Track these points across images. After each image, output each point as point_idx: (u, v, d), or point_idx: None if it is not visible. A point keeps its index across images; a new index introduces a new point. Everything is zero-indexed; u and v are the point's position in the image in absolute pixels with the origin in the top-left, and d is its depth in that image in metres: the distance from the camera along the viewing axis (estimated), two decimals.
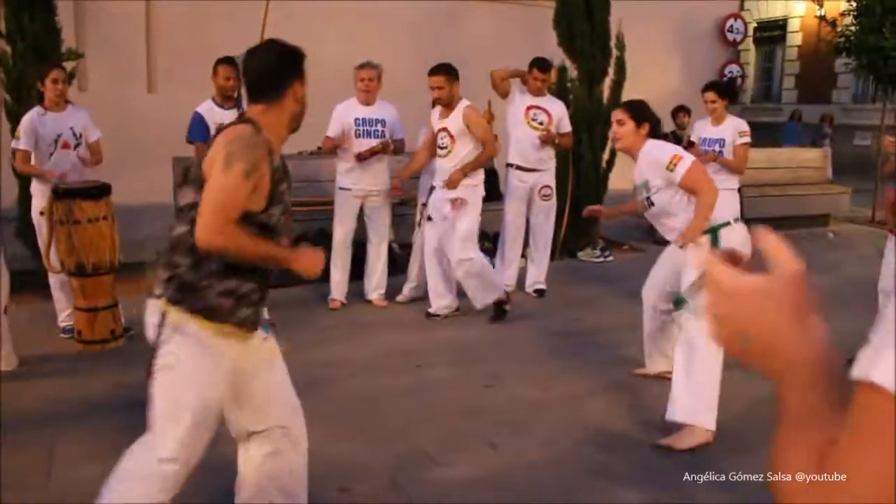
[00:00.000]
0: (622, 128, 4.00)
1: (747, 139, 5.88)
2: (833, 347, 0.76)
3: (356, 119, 5.91)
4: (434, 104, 5.76)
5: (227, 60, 5.46)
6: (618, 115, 4.04)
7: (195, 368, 2.41)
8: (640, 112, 4.00)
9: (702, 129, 6.01)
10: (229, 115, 5.39)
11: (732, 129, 5.84)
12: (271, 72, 2.56)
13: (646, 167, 3.95)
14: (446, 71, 5.56)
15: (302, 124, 2.71)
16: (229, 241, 2.33)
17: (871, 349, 0.66)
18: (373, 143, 5.87)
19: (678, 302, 3.95)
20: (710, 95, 5.88)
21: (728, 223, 3.88)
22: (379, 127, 5.95)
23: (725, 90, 5.91)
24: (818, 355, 0.74)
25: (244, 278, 2.45)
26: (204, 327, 2.40)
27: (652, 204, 3.97)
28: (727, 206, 5.33)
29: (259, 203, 2.41)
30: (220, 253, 2.36)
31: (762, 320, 0.76)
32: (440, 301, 5.90)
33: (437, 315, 5.89)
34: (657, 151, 3.91)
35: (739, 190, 5.88)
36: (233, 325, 2.46)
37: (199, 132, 5.24)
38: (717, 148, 5.86)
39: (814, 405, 0.72)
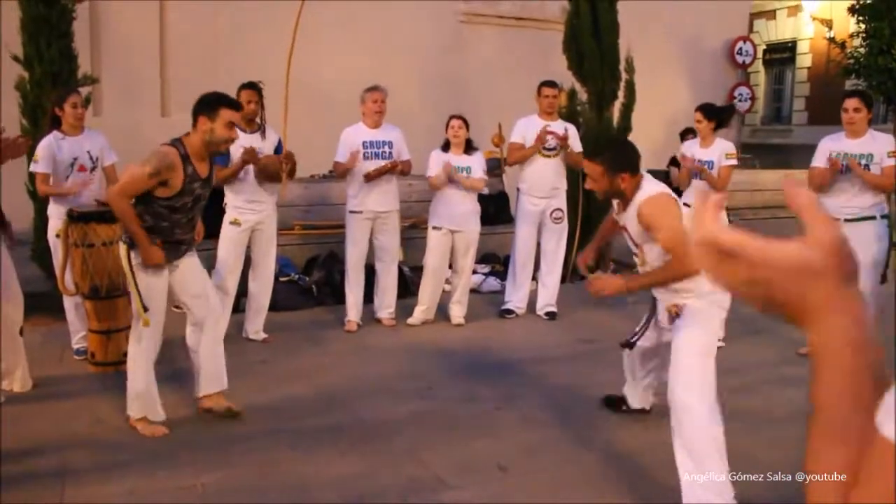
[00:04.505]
0: (859, 114, 5.08)
1: (733, 161, 5.94)
2: (873, 330, 0.67)
3: (364, 142, 5.96)
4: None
5: (250, 85, 5.51)
6: (855, 103, 5.11)
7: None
8: (871, 100, 5.25)
9: (690, 149, 6.04)
10: (252, 139, 5.43)
11: (720, 151, 5.88)
12: (193, 109, 3.92)
13: (878, 144, 5.09)
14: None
15: (315, 147, 3.03)
16: (118, 207, 3.80)
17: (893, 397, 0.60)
18: (381, 164, 5.92)
19: None
20: (697, 115, 5.96)
21: None
22: (387, 149, 6.00)
23: (713, 112, 5.95)
24: (860, 338, 0.65)
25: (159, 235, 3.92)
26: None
27: (868, 168, 5.07)
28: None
29: (168, 193, 3.82)
30: (114, 212, 3.89)
31: (797, 293, 0.66)
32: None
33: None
34: (887, 137, 5.21)
35: (726, 210, 5.92)
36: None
37: (221, 156, 5.28)
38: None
39: (852, 401, 0.64)
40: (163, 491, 3.47)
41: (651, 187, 3.47)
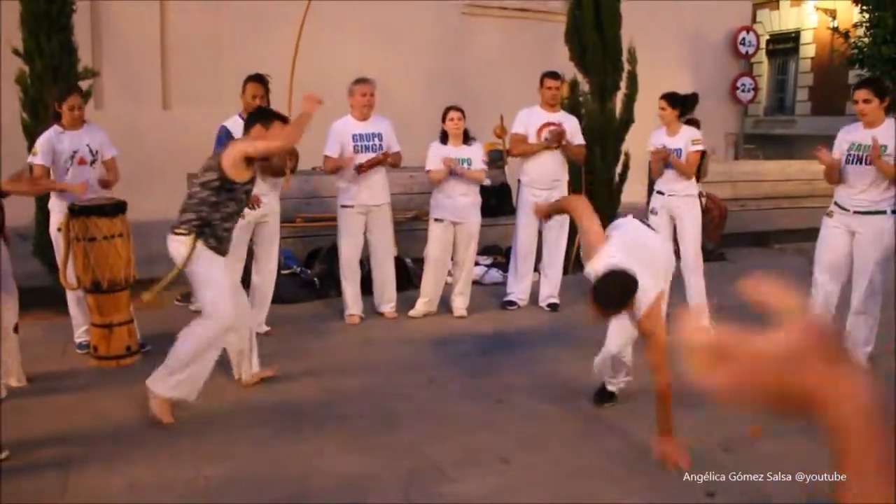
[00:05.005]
0: (869, 105, 4.76)
1: (700, 147, 5.94)
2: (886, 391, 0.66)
3: (353, 135, 5.94)
4: None
5: (257, 78, 5.48)
6: (864, 94, 4.79)
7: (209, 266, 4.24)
8: (884, 89, 4.87)
9: (658, 138, 6.02)
10: None
11: (686, 139, 5.88)
12: (248, 118, 4.51)
13: (890, 135, 4.74)
14: None
15: (316, 140, 3.11)
16: (285, 144, 4.45)
17: None
18: (371, 156, 5.90)
19: None
20: (661, 103, 5.94)
21: None
22: (376, 141, 5.98)
23: (676, 100, 5.93)
24: (873, 403, 0.65)
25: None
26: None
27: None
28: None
29: (247, 176, 4.26)
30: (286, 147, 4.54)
31: (793, 382, 0.66)
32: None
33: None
34: None
35: (701, 195, 5.94)
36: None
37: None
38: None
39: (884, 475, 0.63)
40: (166, 483, 3.48)
41: (642, 300, 3.57)
